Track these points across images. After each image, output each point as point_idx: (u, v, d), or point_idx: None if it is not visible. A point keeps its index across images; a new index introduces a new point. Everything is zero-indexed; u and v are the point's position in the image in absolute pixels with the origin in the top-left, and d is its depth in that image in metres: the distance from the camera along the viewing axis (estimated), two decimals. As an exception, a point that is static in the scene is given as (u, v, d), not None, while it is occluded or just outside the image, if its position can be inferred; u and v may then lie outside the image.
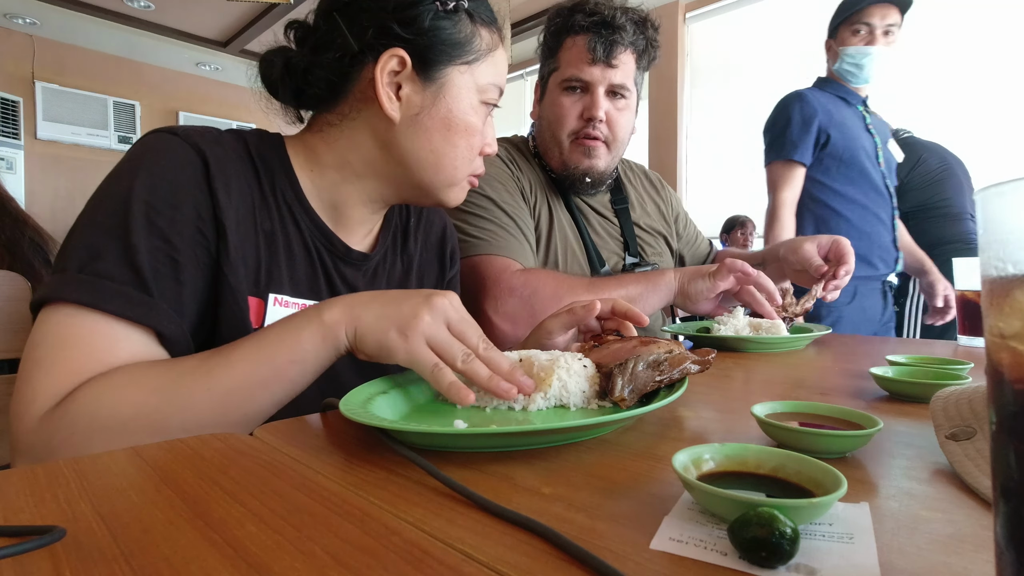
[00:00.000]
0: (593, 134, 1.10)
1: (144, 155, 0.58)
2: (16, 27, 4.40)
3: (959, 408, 0.42)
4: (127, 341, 0.53)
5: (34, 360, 0.51)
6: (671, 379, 0.52)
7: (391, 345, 0.51)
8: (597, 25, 1.06)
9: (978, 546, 0.28)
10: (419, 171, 0.69)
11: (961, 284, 1.04)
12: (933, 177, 2.42)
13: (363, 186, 0.71)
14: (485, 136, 0.72)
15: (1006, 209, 0.18)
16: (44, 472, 0.37)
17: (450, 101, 0.67)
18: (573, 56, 1.08)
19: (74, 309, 0.52)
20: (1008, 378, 0.18)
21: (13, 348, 0.70)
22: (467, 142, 0.69)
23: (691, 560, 0.27)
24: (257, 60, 0.70)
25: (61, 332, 0.52)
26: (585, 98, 1.09)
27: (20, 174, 4.45)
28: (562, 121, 1.10)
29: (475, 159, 0.72)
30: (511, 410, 0.52)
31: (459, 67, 0.67)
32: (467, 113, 0.68)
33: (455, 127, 0.67)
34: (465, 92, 0.67)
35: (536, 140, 1.21)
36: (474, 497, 0.33)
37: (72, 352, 0.51)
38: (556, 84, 1.11)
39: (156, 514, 0.31)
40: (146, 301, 0.54)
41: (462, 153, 0.69)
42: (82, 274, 0.52)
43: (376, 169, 0.70)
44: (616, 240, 1.22)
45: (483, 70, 0.69)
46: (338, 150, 0.69)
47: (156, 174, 0.57)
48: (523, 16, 4.13)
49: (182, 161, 0.59)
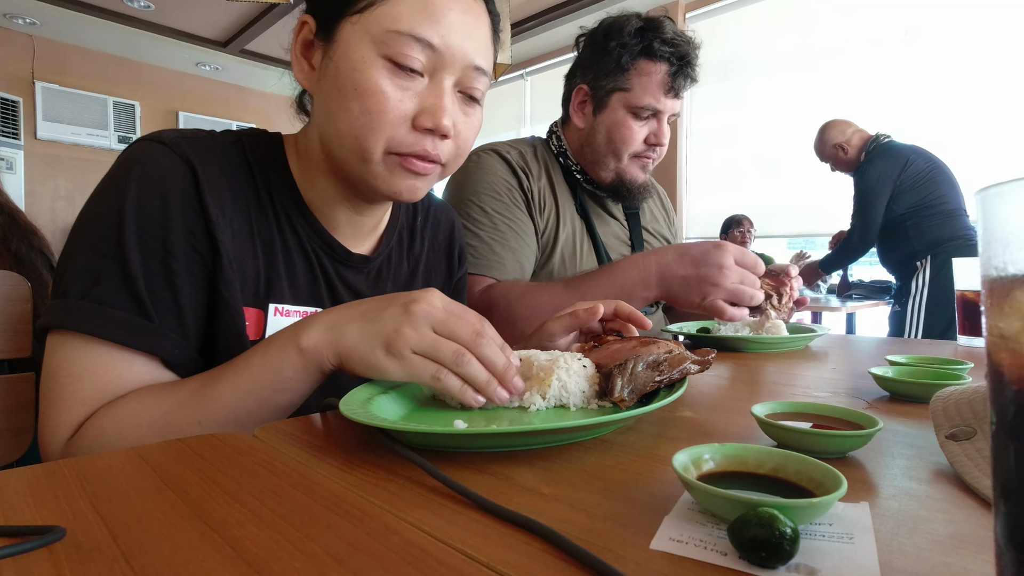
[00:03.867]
0: (651, 156, 1.15)
1: (131, 168, 0.56)
2: (16, 27, 4.40)
3: (959, 408, 0.42)
4: (133, 368, 0.55)
5: (50, 392, 0.54)
6: (671, 379, 0.52)
7: (381, 367, 0.49)
8: (678, 59, 1.09)
9: (978, 546, 0.28)
10: (330, 145, 0.62)
11: (961, 284, 1.04)
12: (924, 177, 2.44)
13: (330, 182, 0.66)
14: (422, 105, 0.58)
15: (1006, 209, 0.18)
16: (44, 472, 0.37)
17: (338, 59, 0.58)
18: (652, 84, 1.10)
19: (80, 340, 0.53)
20: (1008, 378, 0.18)
21: (13, 348, 0.70)
22: (361, 105, 0.57)
23: (691, 560, 0.27)
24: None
25: (71, 364, 0.54)
26: (651, 123, 1.13)
27: (20, 174, 4.45)
28: (629, 143, 1.13)
29: (393, 131, 0.58)
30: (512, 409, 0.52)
31: (350, 19, 0.57)
32: (355, 70, 0.56)
33: (344, 84, 0.57)
34: (354, 46, 0.57)
35: (564, 141, 1.21)
36: (474, 497, 0.33)
37: (82, 384, 0.53)
38: (625, 105, 1.12)
39: (156, 514, 0.31)
40: (148, 328, 0.55)
41: (357, 119, 0.57)
42: (84, 301, 0.53)
43: (325, 156, 0.64)
44: (624, 244, 1.24)
45: (377, 17, 0.56)
46: (307, 144, 0.66)
47: (144, 192, 0.55)
48: (523, 16, 4.13)
49: (170, 175, 0.56)
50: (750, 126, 4.00)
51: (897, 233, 2.49)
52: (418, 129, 0.59)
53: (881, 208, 2.48)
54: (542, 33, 4.31)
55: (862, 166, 2.57)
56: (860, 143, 2.64)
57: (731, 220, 3.86)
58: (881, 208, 2.48)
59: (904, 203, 2.44)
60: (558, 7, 4.06)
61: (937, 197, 2.40)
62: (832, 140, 2.70)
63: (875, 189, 2.48)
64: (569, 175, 1.20)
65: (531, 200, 1.13)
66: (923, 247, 2.42)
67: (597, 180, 1.18)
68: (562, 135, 1.22)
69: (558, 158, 1.21)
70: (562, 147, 1.20)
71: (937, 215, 2.40)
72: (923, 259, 2.42)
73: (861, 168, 2.57)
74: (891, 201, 2.47)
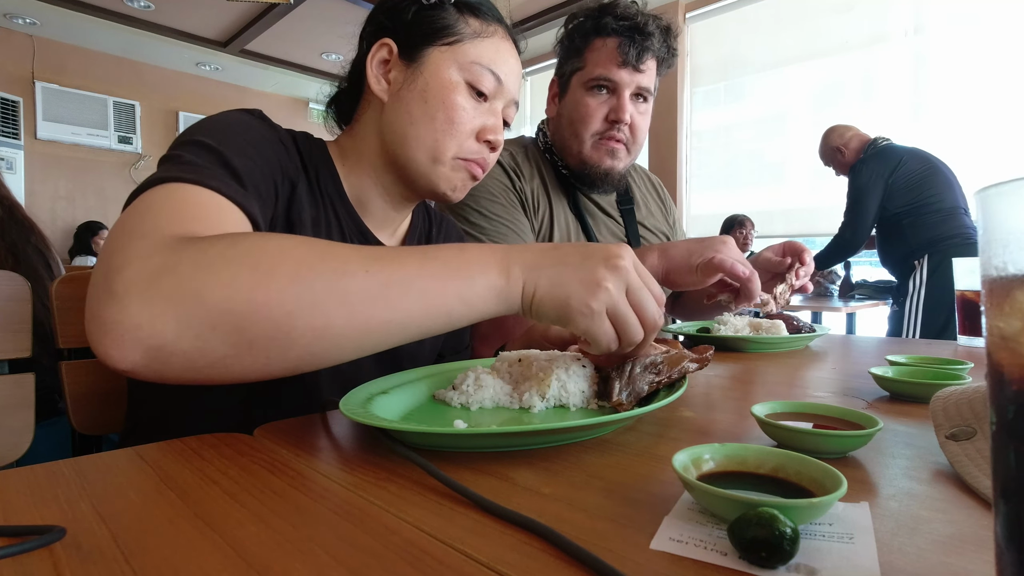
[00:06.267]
0: (617, 136, 1.11)
1: (235, 111, 0.64)
2: (16, 27, 4.40)
3: (959, 408, 0.42)
4: (234, 214, 0.52)
5: (143, 207, 0.47)
6: (670, 379, 0.52)
7: (572, 315, 0.47)
8: (629, 30, 1.07)
9: (978, 546, 0.28)
10: (404, 147, 0.70)
11: (961, 284, 1.04)
12: (918, 178, 2.45)
13: (379, 178, 0.74)
14: (484, 123, 0.71)
15: (1006, 209, 0.18)
16: (44, 472, 0.37)
17: (428, 75, 0.69)
18: (602, 57, 1.08)
19: (176, 185, 0.49)
20: (1008, 378, 0.18)
21: (13, 348, 0.70)
22: (446, 115, 0.68)
23: (691, 560, 0.27)
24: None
25: (170, 194, 0.48)
26: (611, 100, 1.10)
27: (20, 174, 4.45)
28: (587, 121, 1.10)
29: (464, 140, 0.70)
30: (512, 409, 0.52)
31: (440, 47, 0.69)
32: (445, 87, 0.68)
33: (432, 98, 0.68)
34: (443, 67, 0.69)
35: (549, 137, 1.21)
36: (474, 497, 0.33)
37: (188, 207, 0.48)
38: (581, 83, 1.11)
39: (156, 514, 0.31)
40: (241, 192, 0.54)
41: (441, 126, 0.68)
42: (177, 165, 0.52)
43: (382, 156, 0.72)
44: (621, 240, 1.23)
45: (466, 50, 0.70)
46: (357, 145, 0.74)
47: (247, 121, 0.63)
48: (523, 16, 4.13)
49: (271, 125, 0.67)
50: (750, 126, 4.00)
51: (894, 232, 2.50)
52: (479, 140, 0.71)
53: (872, 206, 2.50)
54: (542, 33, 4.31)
55: (856, 166, 2.60)
56: (859, 145, 2.66)
57: (732, 220, 3.86)
58: (872, 206, 2.50)
59: (899, 202, 2.46)
60: (558, 7, 4.06)
61: (933, 196, 2.41)
62: (832, 143, 2.75)
63: (866, 187, 2.51)
64: (559, 171, 1.19)
65: (525, 201, 1.13)
66: (920, 246, 2.42)
67: (572, 170, 1.16)
68: (547, 131, 1.22)
69: (545, 154, 1.21)
70: (547, 143, 1.20)
71: (933, 214, 2.40)
72: (920, 258, 2.43)
73: (855, 168, 2.60)
74: (885, 200, 2.49)
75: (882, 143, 2.60)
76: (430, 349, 0.83)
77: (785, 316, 1.02)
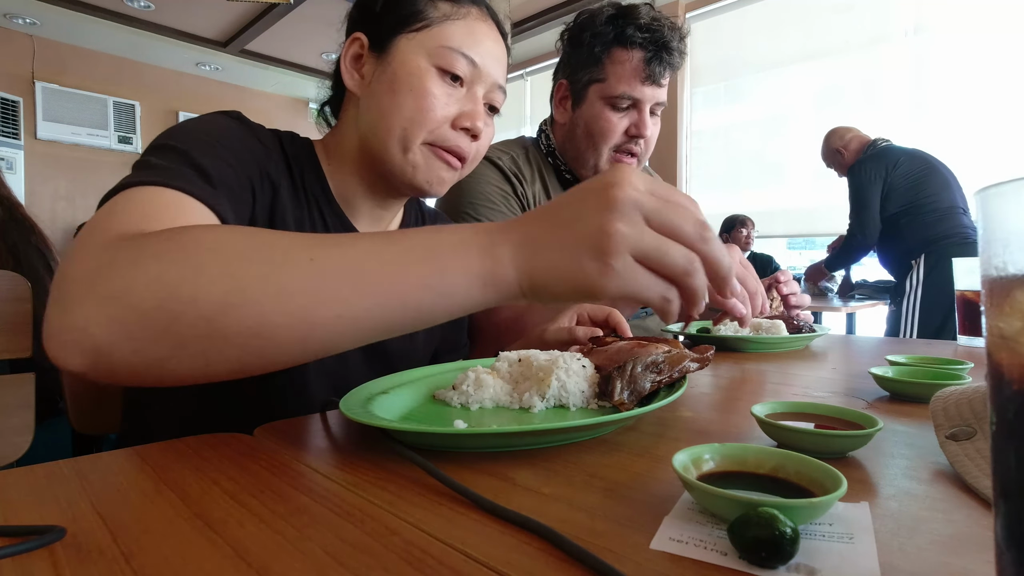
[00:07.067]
0: (634, 150, 1.11)
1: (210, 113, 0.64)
2: (16, 27, 4.40)
3: (959, 408, 0.42)
4: (199, 212, 0.50)
5: (103, 212, 0.46)
6: (671, 378, 0.52)
7: (592, 283, 0.38)
8: (654, 44, 1.04)
9: (978, 546, 0.28)
10: (376, 139, 0.68)
11: (961, 284, 1.04)
12: (915, 178, 2.47)
13: (362, 176, 0.73)
14: (462, 109, 0.68)
15: (1006, 209, 0.18)
16: (44, 472, 0.37)
17: (396, 65, 0.67)
18: (627, 73, 1.06)
19: (138, 188, 0.49)
20: (1008, 378, 0.18)
21: (13, 348, 0.70)
22: (415, 103, 0.66)
23: (691, 560, 0.27)
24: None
25: (130, 197, 0.48)
26: (632, 114, 1.09)
27: (20, 174, 4.45)
28: (608, 136, 1.09)
29: (436, 127, 0.67)
30: (512, 409, 0.52)
31: (407, 35, 0.68)
32: (412, 73, 0.66)
33: (399, 87, 0.67)
34: (411, 55, 0.67)
35: (554, 140, 1.19)
36: (474, 497, 0.33)
37: (146, 207, 0.47)
38: (601, 96, 1.08)
39: (156, 514, 0.31)
40: (209, 190, 0.53)
41: (408, 113, 0.66)
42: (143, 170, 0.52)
43: (361, 152, 0.71)
44: None
45: (434, 34, 0.67)
46: (340, 143, 0.74)
47: (219, 122, 0.63)
48: (523, 16, 4.13)
49: (248, 125, 0.66)
50: (750, 126, 4.00)
51: (892, 232, 2.52)
52: (456, 128, 0.68)
53: (876, 204, 2.52)
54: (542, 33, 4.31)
55: (854, 167, 2.62)
56: (858, 147, 2.68)
57: (733, 220, 3.86)
58: (876, 204, 2.52)
59: (897, 202, 2.47)
60: (558, 7, 4.06)
61: (930, 196, 2.42)
62: (833, 145, 2.78)
63: (866, 186, 2.53)
64: (561, 175, 1.19)
65: (526, 206, 1.12)
66: (916, 245, 2.43)
67: (580, 178, 1.15)
68: (551, 134, 1.21)
69: (548, 158, 1.20)
70: (551, 146, 1.19)
71: (930, 213, 2.41)
72: (916, 258, 2.44)
73: (852, 168, 2.62)
74: (883, 200, 2.51)
75: (882, 144, 2.61)
76: (423, 347, 0.82)
77: (786, 316, 1.02)
